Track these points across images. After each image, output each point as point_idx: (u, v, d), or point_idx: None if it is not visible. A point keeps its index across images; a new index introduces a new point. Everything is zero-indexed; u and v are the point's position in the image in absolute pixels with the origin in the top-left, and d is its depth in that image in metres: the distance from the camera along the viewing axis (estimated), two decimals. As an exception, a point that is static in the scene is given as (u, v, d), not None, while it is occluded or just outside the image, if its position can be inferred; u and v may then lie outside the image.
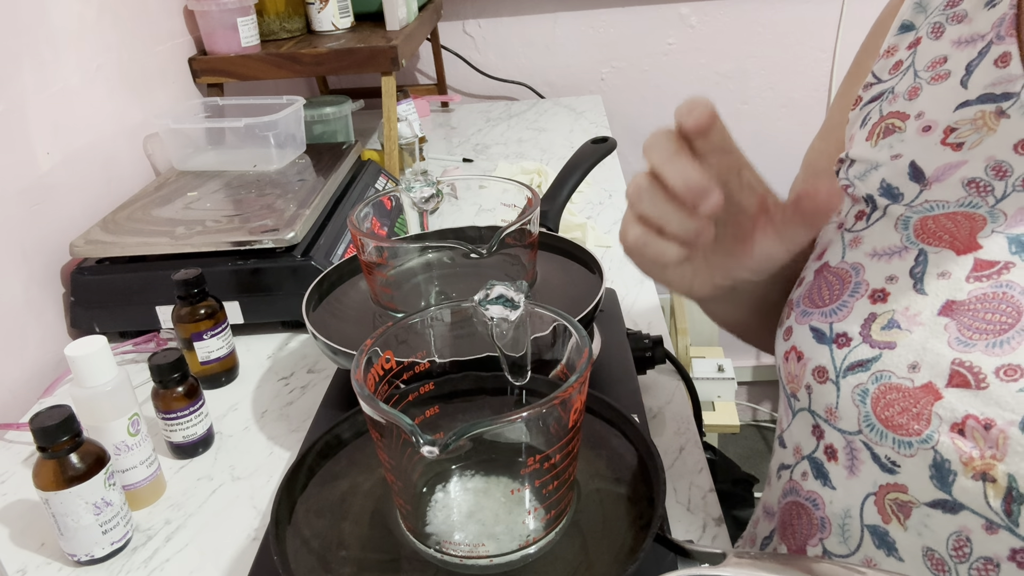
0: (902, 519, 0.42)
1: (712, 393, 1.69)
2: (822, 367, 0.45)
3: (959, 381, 0.39)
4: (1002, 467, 0.37)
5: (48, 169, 0.90)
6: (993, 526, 0.38)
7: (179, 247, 0.85)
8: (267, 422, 0.74)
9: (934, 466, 0.39)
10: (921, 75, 0.49)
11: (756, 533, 0.57)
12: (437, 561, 0.43)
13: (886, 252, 0.45)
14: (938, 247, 0.43)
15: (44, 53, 0.91)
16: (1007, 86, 0.44)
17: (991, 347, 0.39)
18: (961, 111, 0.45)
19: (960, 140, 0.45)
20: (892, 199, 0.47)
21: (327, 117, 1.23)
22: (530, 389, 0.48)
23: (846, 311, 0.45)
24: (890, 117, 0.50)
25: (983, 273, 0.41)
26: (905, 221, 0.45)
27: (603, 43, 1.76)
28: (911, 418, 0.40)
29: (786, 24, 1.72)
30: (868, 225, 0.47)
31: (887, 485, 0.42)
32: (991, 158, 0.43)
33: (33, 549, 0.61)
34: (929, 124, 0.47)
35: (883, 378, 0.42)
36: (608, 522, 0.46)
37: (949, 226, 0.43)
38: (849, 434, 0.44)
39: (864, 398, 0.42)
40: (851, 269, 0.47)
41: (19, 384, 0.83)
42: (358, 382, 0.40)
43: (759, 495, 0.67)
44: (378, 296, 0.65)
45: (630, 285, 0.94)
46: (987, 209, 0.42)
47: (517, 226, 0.60)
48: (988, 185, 0.43)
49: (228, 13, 1.19)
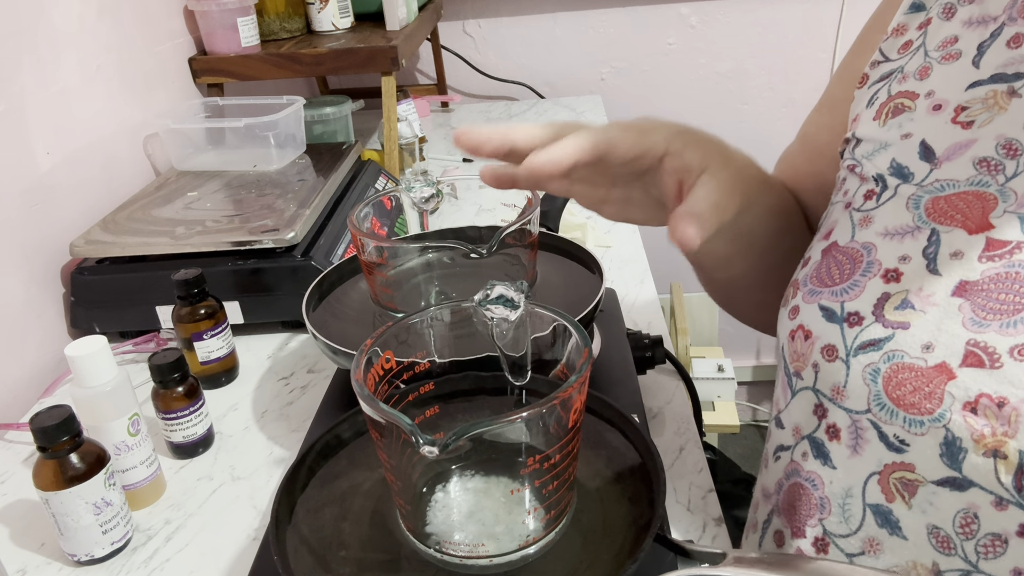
0: (907, 497, 0.42)
1: (712, 393, 1.69)
2: (832, 345, 0.45)
3: (973, 361, 0.39)
4: (1014, 444, 0.37)
5: (48, 169, 0.90)
6: (1003, 502, 0.38)
7: (179, 247, 0.85)
8: (267, 422, 0.74)
9: (944, 444, 0.40)
10: (932, 55, 0.49)
11: (756, 518, 0.56)
12: (437, 561, 0.43)
13: (898, 232, 0.45)
14: (950, 227, 0.43)
15: (44, 53, 0.91)
16: (1019, 66, 0.44)
17: (1005, 327, 0.39)
18: (972, 90, 0.46)
19: (971, 119, 0.45)
20: (902, 178, 0.47)
21: (327, 117, 1.23)
22: (530, 389, 0.48)
23: (858, 290, 0.45)
24: (899, 97, 0.50)
25: (995, 253, 0.41)
26: (916, 201, 0.45)
27: (603, 43, 1.76)
28: (923, 397, 0.40)
29: (786, 24, 1.72)
30: (878, 205, 0.47)
31: (893, 464, 0.42)
32: (1001, 136, 0.43)
33: (33, 549, 0.61)
34: (939, 103, 0.47)
35: (896, 357, 0.42)
36: (608, 522, 0.46)
37: (960, 206, 0.43)
38: (856, 413, 0.44)
39: (875, 377, 0.42)
40: (862, 249, 0.46)
41: (19, 384, 0.83)
42: (358, 382, 0.40)
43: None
44: (378, 296, 0.65)
45: (630, 285, 0.94)
46: (997, 188, 0.42)
47: (517, 226, 0.60)
48: (999, 164, 0.43)
49: (228, 13, 1.19)
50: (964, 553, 0.40)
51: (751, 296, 0.66)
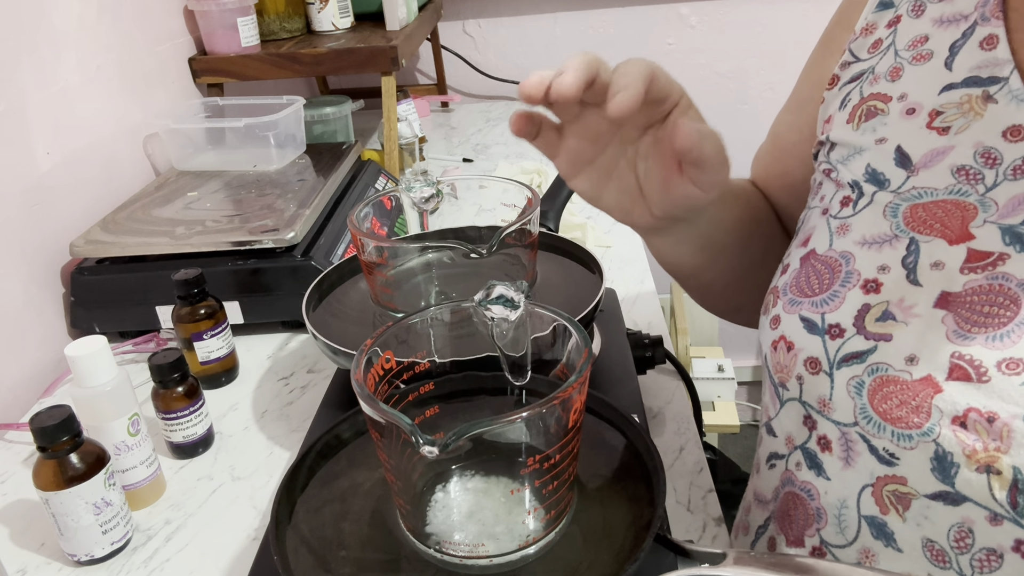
0: (901, 510, 0.41)
1: (712, 393, 1.70)
2: (814, 358, 0.44)
3: (960, 375, 0.39)
4: (1007, 459, 0.37)
5: (48, 169, 0.90)
6: (998, 518, 0.38)
7: (179, 247, 0.85)
8: (267, 422, 0.74)
9: (935, 459, 0.39)
10: (902, 55, 0.48)
11: (749, 521, 0.56)
12: (437, 561, 0.43)
13: (876, 240, 0.44)
14: (929, 236, 0.42)
15: (44, 53, 0.91)
16: (994, 70, 0.43)
17: (991, 340, 0.38)
18: (946, 94, 0.45)
19: (946, 124, 0.44)
20: (878, 185, 0.46)
21: (327, 117, 1.23)
22: (530, 389, 0.48)
23: (838, 301, 0.44)
24: (872, 99, 0.49)
25: (977, 264, 0.40)
26: (894, 209, 0.44)
27: (603, 43, 1.76)
28: (910, 411, 0.40)
29: (786, 24, 1.72)
30: (855, 212, 0.46)
31: (885, 477, 0.42)
32: (979, 144, 0.42)
33: (33, 549, 0.61)
34: (913, 107, 0.46)
35: (880, 370, 0.41)
36: (608, 522, 0.46)
37: (940, 215, 0.42)
38: (844, 426, 0.43)
39: (860, 390, 0.42)
40: (840, 258, 0.46)
41: (19, 384, 0.83)
42: (358, 382, 0.40)
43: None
44: (378, 296, 0.65)
45: (630, 285, 0.94)
46: (977, 198, 0.41)
47: (517, 226, 0.60)
48: (978, 173, 0.42)
49: (228, 13, 1.19)
50: (959, 567, 0.40)
51: (726, 302, 0.66)
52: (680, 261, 0.58)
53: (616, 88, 0.41)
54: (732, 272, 0.60)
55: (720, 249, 0.57)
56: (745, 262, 0.60)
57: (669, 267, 0.61)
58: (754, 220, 0.60)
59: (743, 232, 0.58)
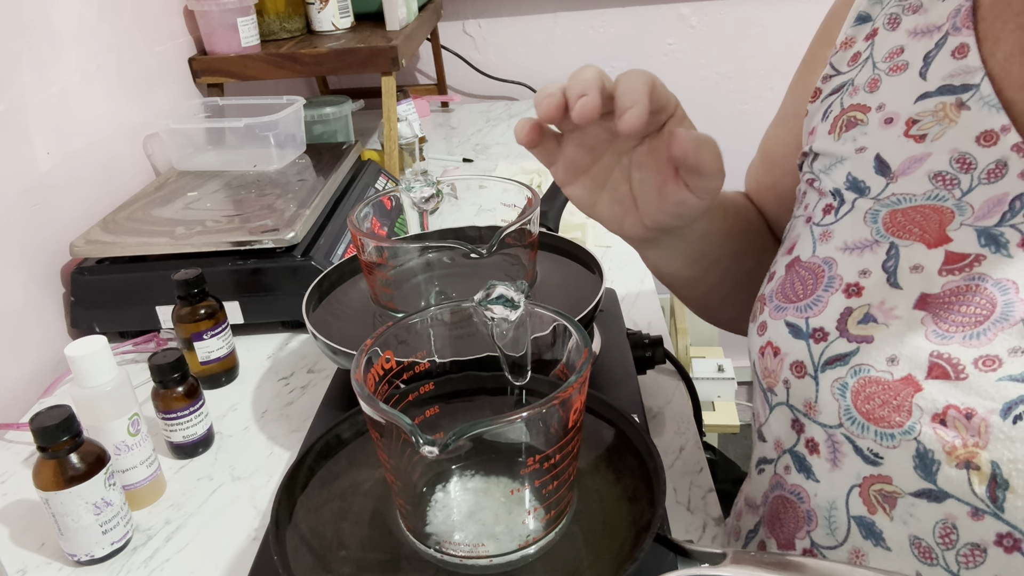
0: (888, 509, 0.42)
1: (712, 393, 1.69)
2: (799, 362, 0.45)
3: (938, 373, 0.40)
4: (985, 454, 0.37)
5: (48, 169, 0.90)
6: (979, 512, 0.38)
7: (179, 247, 0.85)
8: (267, 422, 0.74)
9: (917, 456, 0.40)
10: (880, 66, 0.50)
11: (740, 526, 0.57)
12: (437, 561, 0.43)
13: (857, 246, 0.46)
14: (909, 240, 0.43)
15: (44, 53, 0.91)
16: (966, 77, 0.44)
17: (968, 339, 0.39)
18: (921, 103, 0.46)
19: (923, 132, 0.45)
20: (859, 193, 0.47)
21: (327, 117, 1.23)
22: (530, 389, 0.48)
23: (821, 306, 0.45)
24: (852, 110, 0.50)
25: (955, 266, 0.41)
26: (874, 215, 0.46)
27: (603, 43, 1.76)
28: (892, 410, 0.41)
29: (786, 24, 1.72)
30: (837, 219, 0.48)
31: (871, 477, 0.43)
32: (955, 150, 0.44)
33: (33, 549, 0.61)
34: (891, 116, 0.47)
35: (862, 372, 0.42)
36: (608, 522, 0.46)
37: (918, 219, 0.44)
38: (830, 428, 0.44)
39: (844, 392, 0.43)
40: (823, 264, 0.47)
41: (19, 384, 0.83)
42: (358, 382, 0.40)
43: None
44: (378, 296, 0.65)
45: (630, 285, 0.94)
46: (954, 202, 0.43)
47: (517, 226, 0.60)
48: (954, 178, 0.43)
49: (228, 13, 1.19)
50: (946, 563, 0.40)
51: (722, 312, 0.67)
52: (674, 272, 0.60)
53: (625, 104, 0.43)
54: (726, 283, 0.62)
55: (713, 261, 0.58)
56: (739, 273, 0.61)
57: (663, 279, 0.62)
58: (745, 232, 0.61)
59: (735, 244, 0.59)
